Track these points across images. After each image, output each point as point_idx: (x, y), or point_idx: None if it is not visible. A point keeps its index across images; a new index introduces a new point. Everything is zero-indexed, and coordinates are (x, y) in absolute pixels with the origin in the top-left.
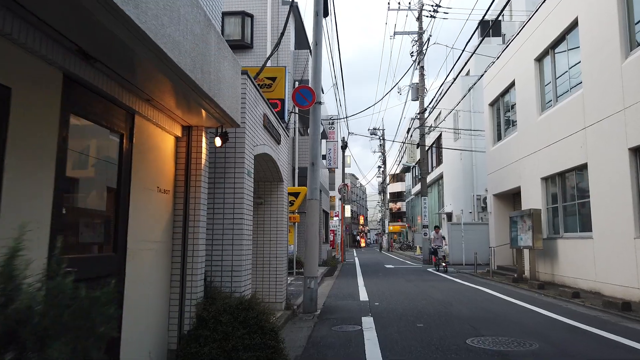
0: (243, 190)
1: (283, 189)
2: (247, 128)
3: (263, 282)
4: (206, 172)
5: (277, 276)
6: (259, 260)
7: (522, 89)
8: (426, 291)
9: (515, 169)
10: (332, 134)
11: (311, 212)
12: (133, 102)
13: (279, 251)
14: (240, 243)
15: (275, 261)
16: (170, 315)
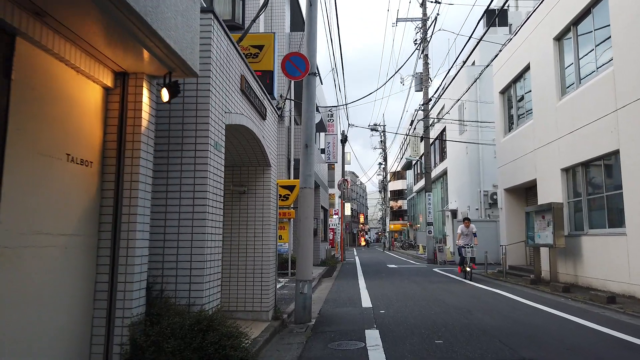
0: (207, 169)
1: (270, 176)
2: (214, 85)
3: (246, 288)
4: (150, 140)
5: (262, 280)
6: (240, 261)
7: (538, 73)
8: (437, 295)
9: (530, 160)
10: (331, 127)
11: (304, 204)
12: (10, 14)
13: (266, 250)
14: (202, 239)
15: (260, 262)
16: (93, 341)
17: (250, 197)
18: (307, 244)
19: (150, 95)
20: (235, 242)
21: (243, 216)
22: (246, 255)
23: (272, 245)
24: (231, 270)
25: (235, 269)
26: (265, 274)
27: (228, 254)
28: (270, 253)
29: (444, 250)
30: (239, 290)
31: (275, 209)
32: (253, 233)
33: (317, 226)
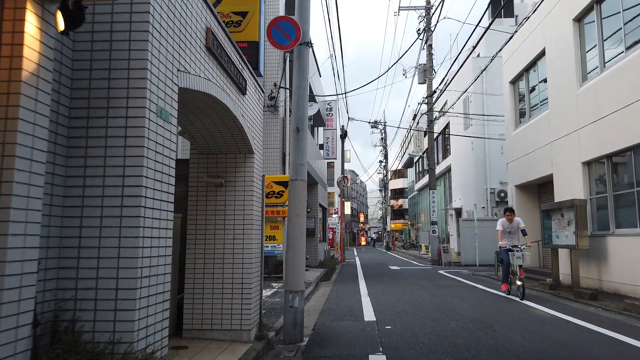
0: (143, 143)
1: (253, 165)
2: (159, 27)
3: (223, 302)
4: (43, 95)
5: (243, 292)
6: (216, 270)
7: (555, 58)
8: (449, 303)
9: (545, 154)
10: (330, 121)
11: (295, 199)
12: None
13: (248, 255)
14: (134, 245)
15: (240, 270)
16: None
17: (229, 190)
18: (298, 247)
19: (44, 26)
20: (210, 246)
21: (220, 214)
22: (223, 262)
23: (255, 250)
24: (205, 281)
25: (209, 279)
26: (247, 285)
27: (202, 261)
28: (252, 259)
29: (449, 251)
30: (215, 304)
31: (259, 205)
32: (232, 235)
33: (315, 225)
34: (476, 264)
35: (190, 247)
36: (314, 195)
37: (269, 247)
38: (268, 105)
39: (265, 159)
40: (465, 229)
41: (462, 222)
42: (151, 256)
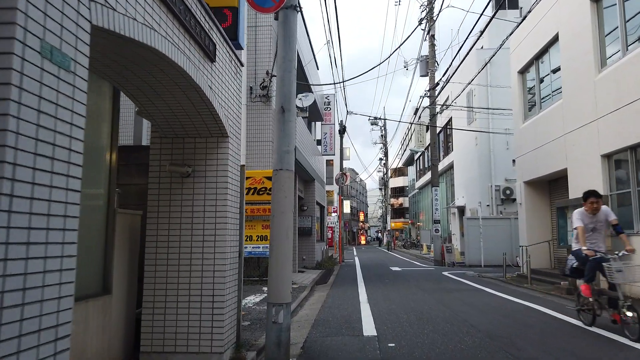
0: (9, 93)
1: (228, 151)
2: None
3: (190, 317)
4: None
5: (214, 304)
6: (182, 279)
7: (570, 44)
8: (460, 313)
9: (558, 147)
10: (328, 116)
11: (279, 192)
12: None
13: (220, 260)
14: None
15: (211, 277)
16: None
17: (198, 182)
18: (283, 250)
19: None
20: (175, 250)
21: (187, 211)
22: (190, 270)
23: (230, 253)
24: (168, 292)
25: (173, 291)
26: (219, 297)
27: (164, 268)
28: (227, 265)
29: (452, 251)
30: (179, 321)
31: (236, 199)
32: (201, 236)
33: (312, 224)
34: (481, 265)
35: (150, 251)
36: (311, 192)
37: (261, 247)
38: (260, 95)
39: (257, 153)
40: (470, 228)
41: (467, 220)
42: (19, 256)
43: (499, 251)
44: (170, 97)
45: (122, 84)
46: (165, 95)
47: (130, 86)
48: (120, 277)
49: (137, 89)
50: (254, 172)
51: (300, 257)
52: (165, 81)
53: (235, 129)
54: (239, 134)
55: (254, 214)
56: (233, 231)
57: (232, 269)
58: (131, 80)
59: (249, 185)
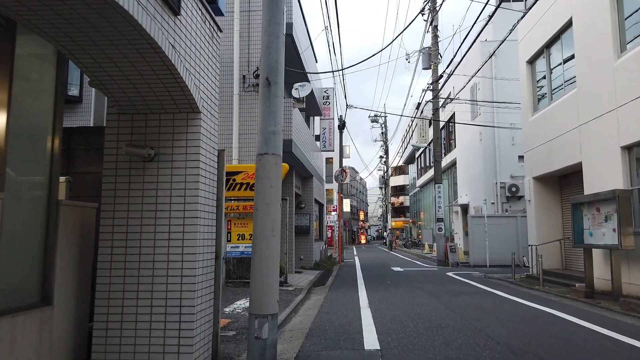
0: None
1: (200, 131)
2: None
3: (151, 332)
4: None
5: (182, 316)
6: (142, 286)
7: (585, 28)
8: (472, 320)
9: (571, 139)
10: (326, 110)
11: (264, 180)
12: None
13: (190, 261)
14: None
15: (178, 283)
16: None
17: (163, 168)
18: (268, 251)
19: None
20: (134, 250)
21: (149, 202)
22: (153, 275)
23: (202, 255)
24: (125, 302)
25: (131, 299)
26: (188, 306)
27: (121, 272)
28: (197, 268)
29: (456, 250)
30: (139, 337)
31: (211, 190)
32: (167, 233)
33: (310, 223)
34: (486, 265)
35: (104, 252)
36: (309, 189)
37: None
38: (253, 84)
39: (250, 145)
40: (475, 227)
41: (471, 219)
42: None
43: (505, 251)
44: (123, 60)
45: (64, 43)
46: (117, 57)
47: (73, 46)
48: (66, 284)
49: (82, 50)
50: (247, 165)
51: (297, 257)
52: (114, 36)
53: (209, 103)
54: (215, 111)
55: (247, 211)
56: (207, 227)
57: (206, 273)
58: (73, 37)
59: (242, 180)
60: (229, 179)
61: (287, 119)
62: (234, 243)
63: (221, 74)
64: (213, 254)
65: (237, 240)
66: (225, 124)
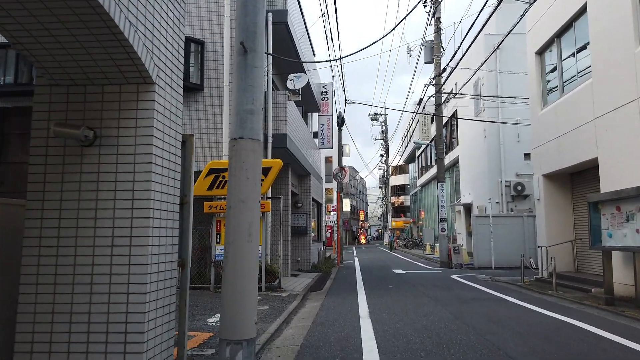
0: None
1: (154, 107)
2: None
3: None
4: None
5: (128, 337)
6: (78, 296)
7: (601, 14)
8: (487, 334)
9: (586, 133)
10: (325, 106)
11: (238, 171)
12: None
13: (138, 270)
14: None
15: (123, 301)
16: None
17: (106, 153)
18: (242, 259)
19: None
20: (67, 260)
21: (88, 199)
22: (91, 290)
23: (154, 265)
24: (56, 319)
25: (62, 325)
26: (135, 331)
27: (49, 286)
28: (147, 282)
29: (460, 251)
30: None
31: (172, 183)
32: (110, 237)
33: (307, 223)
34: (491, 267)
35: (29, 263)
36: (306, 187)
37: None
38: None
39: None
40: (479, 227)
41: (475, 219)
42: None
43: (511, 252)
44: (45, 12)
45: None
46: (36, 8)
47: None
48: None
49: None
50: None
51: (294, 259)
52: None
53: (169, 74)
54: (177, 85)
55: None
56: (165, 230)
57: (164, 288)
58: None
59: None
60: (218, 176)
61: (282, 112)
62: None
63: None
64: (175, 263)
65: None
66: (215, 114)
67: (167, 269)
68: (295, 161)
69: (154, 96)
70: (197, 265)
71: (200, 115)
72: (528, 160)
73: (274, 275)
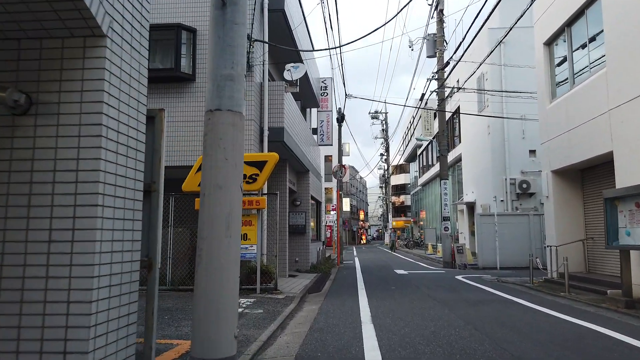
0: None
1: (104, 65)
2: None
3: None
4: None
5: (68, 358)
6: (4, 313)
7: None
8: (503, 342)
9: (599, 126)
10: (324, 102)
11: (215, 150)
12: None
13: (81, 281)
14: None
15: (62, 315)
16: None
17: (43, 125)
18: (218, 259)
19: None
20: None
21: (20, 182)
22: (21, 299)
23: (106, 265)
24: None
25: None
26: (76, 354)
27: None
28: (94, 289)
29: (464, 251)
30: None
31: (128, 163)
32: (47, 231)
33: (306, 221)
34: (497, 267)
35: None
36: (305, 185)
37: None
38: None
39: None
40: (483, 226)
41: (479, 217)
42: None
43: (516, 252)
44: None
45: None
46: None
47: None
48: None
49: None
50: None
51: (292, 259)
52: None
53: (128, 27)
54: (141, 43)
55: None
56: (119, 223)
57: (119, 294)
58: None
59: None
60: None
61: (278, 104)
62: None
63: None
64: (135, 264)
65: None
66: None
67: (124, 271)
68: (293, 156)
69: (105, 53)
70: (188, 266)
71: (192, 107)
72: (533, 158)
73: (270, 276)
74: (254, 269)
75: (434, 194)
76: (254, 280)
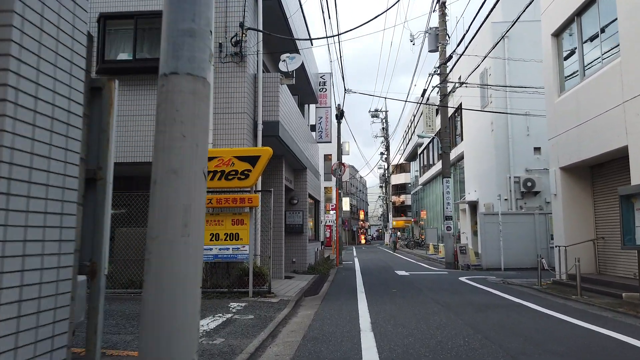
0: None
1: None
2: None
3: None
4: None
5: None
6: None
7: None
8: (518, 354)
9: (613, 119)
10: (323, 98)
11: (170, 124)
12: None
13: None
14: None
15: None
16: None
17: None
18: (171, 265)
19: None
20: None
21: None
22: None
23: (17, 273)
24: None
25: None
26: None
27: None
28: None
29: (467, 252)
30: None
31: (43, 135)
32: None
33: (304, 221)
34: (501, 268)
35: None
36: (302, 183)
37: (230, 249)
38: (231, 54)
39: (226, 127)
40: (487, 226)
41: (483, 217)
42: None
43: (521, 252)
44: None
45: None
46: None
47: None
48: None
49: None
50: (222, 150)
51: (288, 260)
52: None
53: None
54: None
55: (221, 205)
56: (39, 217)
57: (34, 312)
58: None
59: (215, 168)
60: None
61: (273, 97)
62: (207, 245)
63: None
64: (65, 271)
65: (211, 242)
66: None
67: (47, 280)
68: (289, 152)
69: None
70: None
71: None
72: (538, 155)
73: (263, 278)
74: (246, 270)
75: (434, 194)
76: (246, 282)
